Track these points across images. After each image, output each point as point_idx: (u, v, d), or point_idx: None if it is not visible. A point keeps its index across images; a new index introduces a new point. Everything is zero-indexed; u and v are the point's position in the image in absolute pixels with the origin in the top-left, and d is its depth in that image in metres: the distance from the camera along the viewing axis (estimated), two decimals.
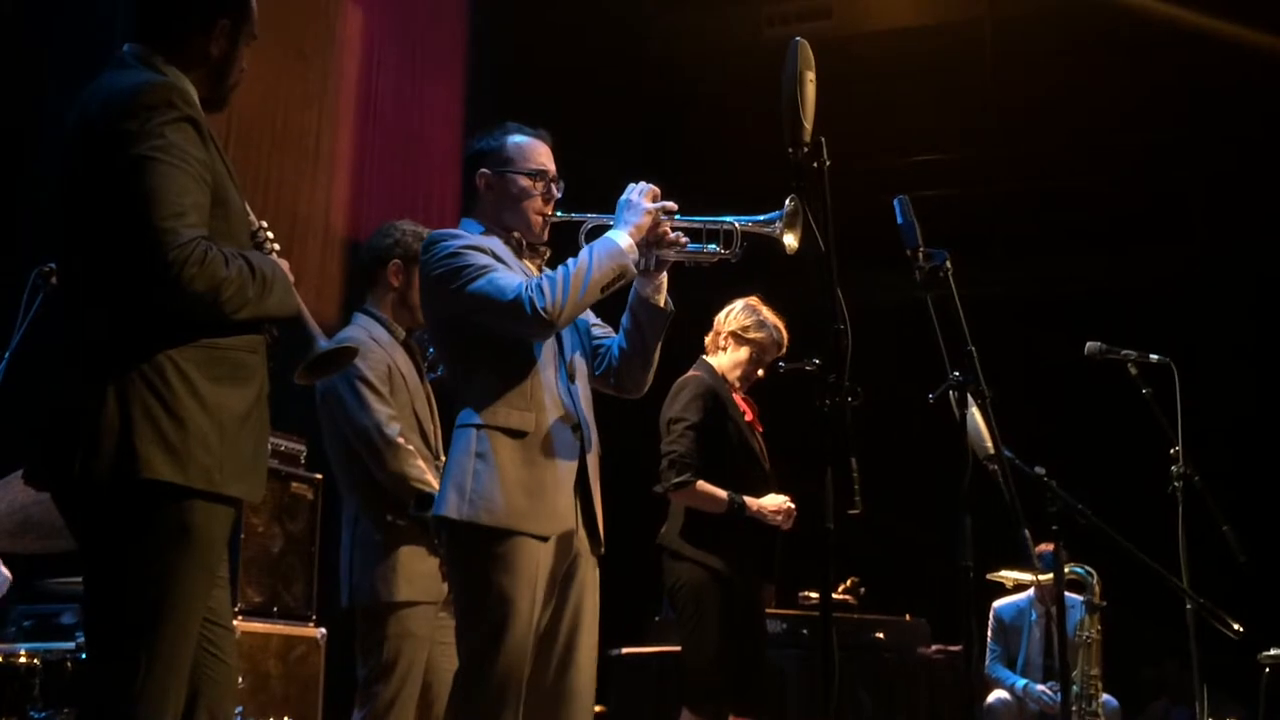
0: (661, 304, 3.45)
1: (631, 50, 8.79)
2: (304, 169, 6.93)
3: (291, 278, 2.75)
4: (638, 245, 3.31)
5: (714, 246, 3.40)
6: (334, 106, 7.22)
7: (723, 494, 4.71)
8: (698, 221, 3.40)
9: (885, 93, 8.63)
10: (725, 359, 4.98)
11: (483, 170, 3.47)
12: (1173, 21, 8.01)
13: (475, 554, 3.20)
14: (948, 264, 3.39)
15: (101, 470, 2.47)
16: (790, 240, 3.27)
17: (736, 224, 3.37)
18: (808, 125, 3.04)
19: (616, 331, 3.55)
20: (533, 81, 8.12)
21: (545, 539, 3.24)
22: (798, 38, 3.11)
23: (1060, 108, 8.96)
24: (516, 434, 3.24)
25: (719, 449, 4.78)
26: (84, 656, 3.92)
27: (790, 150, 3.05)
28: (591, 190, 3.62)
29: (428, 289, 3.41)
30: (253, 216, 2.79)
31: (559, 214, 3.49)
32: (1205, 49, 8.08)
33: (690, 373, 4.95)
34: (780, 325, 5.00)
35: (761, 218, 3.34)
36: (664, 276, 3.46)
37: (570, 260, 3.27)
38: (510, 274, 3.28)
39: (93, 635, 2.58)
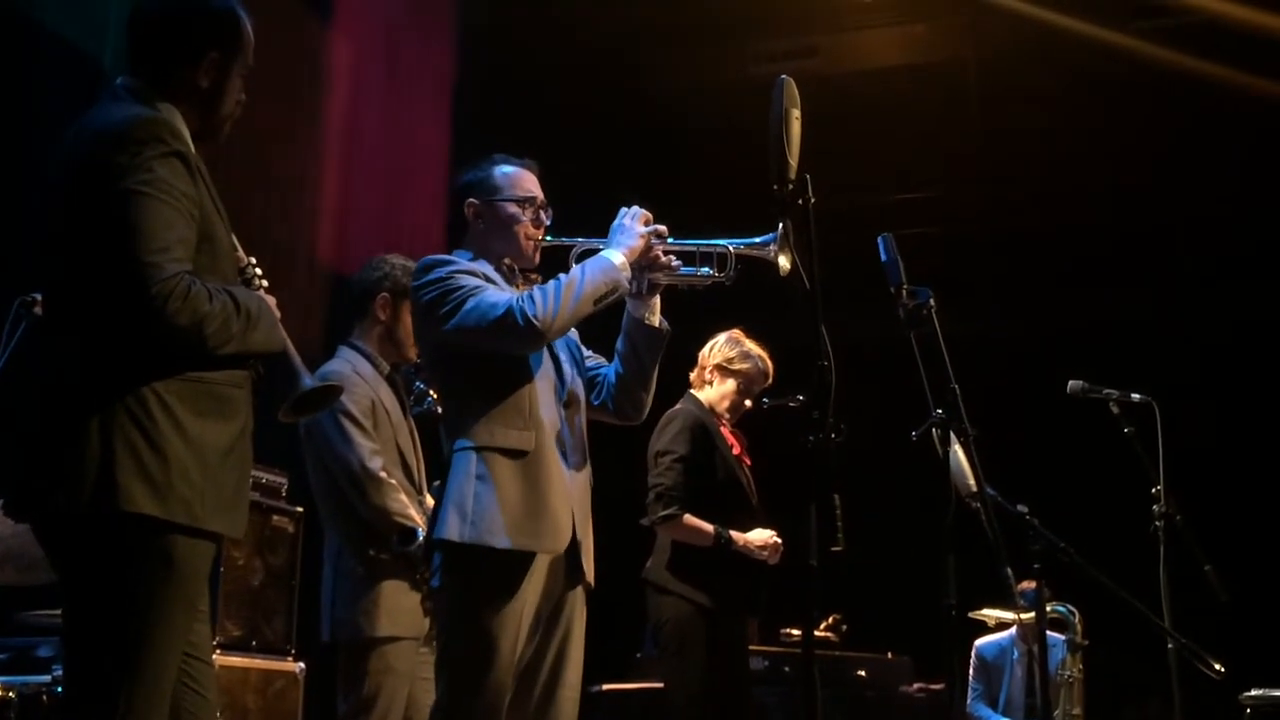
0: (657, 324, 3.46)
1: (618, 86, 8.80)
2: (289, 201, 6.91)
3: (278, 314, 2.74)
4: (631, 267, 3.32)
5: (707, 270, 3.41)
6: (320, 139, 7.21)
7: (709, 528, 4.70)
8: (691, 245, 3.43)
9: (870, 131, 8.65)
10: (713, 392, 4.98)
11: (471, 200, 3.49)
12: (1156, 62, 8.07)
13: (472, 577, 3.19)
14: (931, 302, 3.40)
15: (82, 502, 2.46)
16: (784, 262, 3.27)
17: (730, 247, 3.39)
18: (793, 162, 3.05)
19: (610, 360, 3.55)
20: (520, 116, 8.13)
21: (548, 554, 3.23)
22: (784, 75, 3.13)
23: (1044, 147, 9.00)
24: (516, 454, 3.24)
25: (706, 483, 4.78)
26: (60, 690, 3.89)
27: (775, 187, 3.06)
28: (577, 224, 3.62)
29: (420, 315, 3.40)
30: (241, 253, 2.78)
31: (549, 238, 3.50)
32: (1189, 89, 8.13)
33: (678, 405, 4.95)
34: (764, 355, 5.00)
35: (756, 240, 3.36)
36: (656, 300, 3.47)
37: (562, 274, 3.28)
38: (500, 291, 3.29)
39: (72, 669, 2.55)
